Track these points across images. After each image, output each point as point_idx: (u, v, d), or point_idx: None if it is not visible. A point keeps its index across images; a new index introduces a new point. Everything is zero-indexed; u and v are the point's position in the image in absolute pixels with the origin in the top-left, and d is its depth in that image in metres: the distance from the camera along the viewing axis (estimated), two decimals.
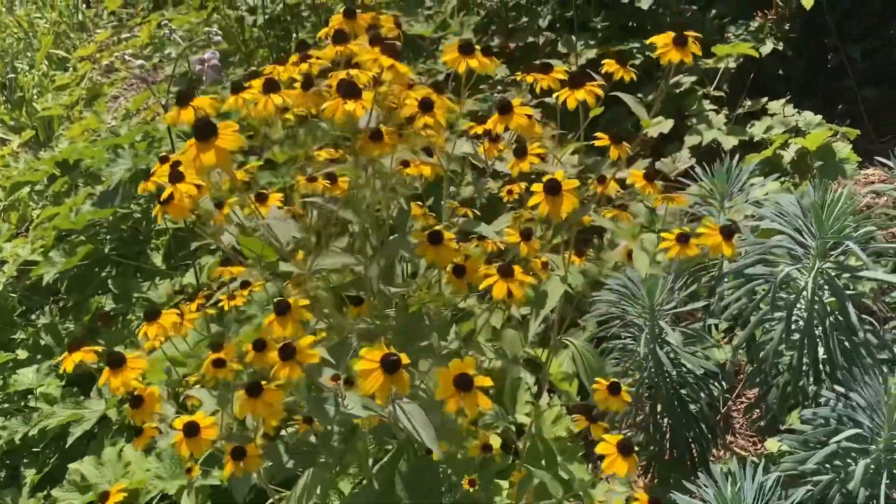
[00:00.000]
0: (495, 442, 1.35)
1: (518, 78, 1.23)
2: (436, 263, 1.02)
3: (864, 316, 1.30)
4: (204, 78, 1.83)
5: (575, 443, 1.60)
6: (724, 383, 1.70)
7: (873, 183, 2.61)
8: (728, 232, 1.10)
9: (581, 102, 1.04)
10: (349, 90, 0.91)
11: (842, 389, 1.19)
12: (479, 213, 1.26)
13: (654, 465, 1.54)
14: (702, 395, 1.44)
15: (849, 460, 1.19)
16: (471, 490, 1.34)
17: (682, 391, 1.48)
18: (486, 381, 0.87)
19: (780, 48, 2.70)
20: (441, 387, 0.86)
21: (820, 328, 1.26)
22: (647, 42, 1.15)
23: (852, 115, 2.84)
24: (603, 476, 1.69)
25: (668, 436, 1.51)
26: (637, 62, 2.55)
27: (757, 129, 2.47)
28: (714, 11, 2.89)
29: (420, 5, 2.83)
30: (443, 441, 1.00)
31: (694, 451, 1.52)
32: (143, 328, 1.09)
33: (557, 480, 1.28)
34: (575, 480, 1.47)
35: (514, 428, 1.41)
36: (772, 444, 1.61)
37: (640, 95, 2.60)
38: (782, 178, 2.35)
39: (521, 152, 1.14)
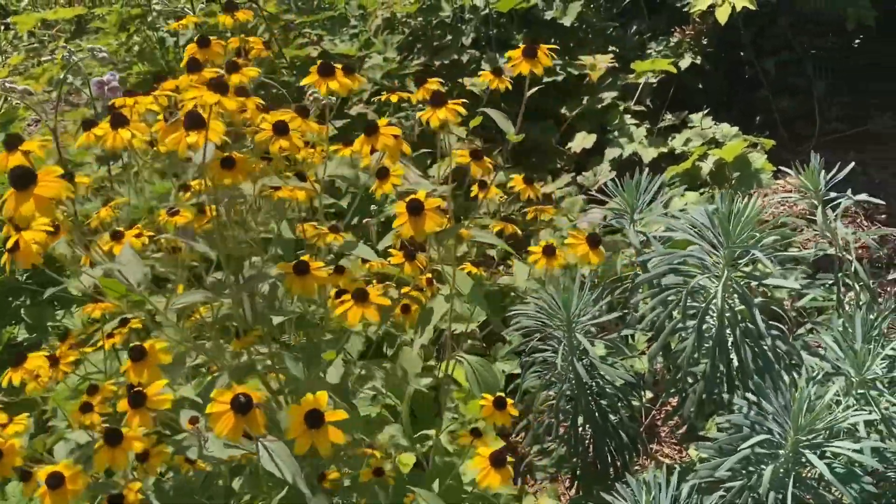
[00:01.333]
0: (409, 461, 1.33)
1: (383, 98, 1.23)
2: (303, 294, 1.00)
3: (773, 323, 1.33)
4: (102, 101, 1.78)
5: None
6: (646, 393, 1.72)
7: (790, 192, 2.69)
8: (594, 241, 1.13)
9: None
10: (193, 121, 0.88)
11: (753, 397, 1.21)
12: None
13: (579, 478, 1.54)
14: (621, 405, 1.45)
15: (762, 466, 1.21)
16: None
17: (603, 402, 1.49)
18: (340, 415, 0.86)
19: (699, 62, 2.77)
20: (292, 425, 0.84)
21: (732, 336, 1.28)
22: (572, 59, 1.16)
23: (769, 126, 2.93)
24: (530, 490, 1.69)
25: (590, 447, 1.52)
26: (560, 79, 2.59)
27: (677, 142, 2.53)
28: (634, 27, 2.96)
29: (345, 24, 2.83)
30: (333, 467, 0.98)
31: (617, 461, 1.53)
32: (7, 374, 1.04)
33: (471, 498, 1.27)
34: (500, 496, 1.47)
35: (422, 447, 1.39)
36: (693, 453, 1.63)
37: (563, 111, 2.64)
38: (702, 190, 2.41)
39: (383, 174, 1.13)
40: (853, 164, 1.54)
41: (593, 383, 1.45)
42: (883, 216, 2.52)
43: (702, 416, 1.38)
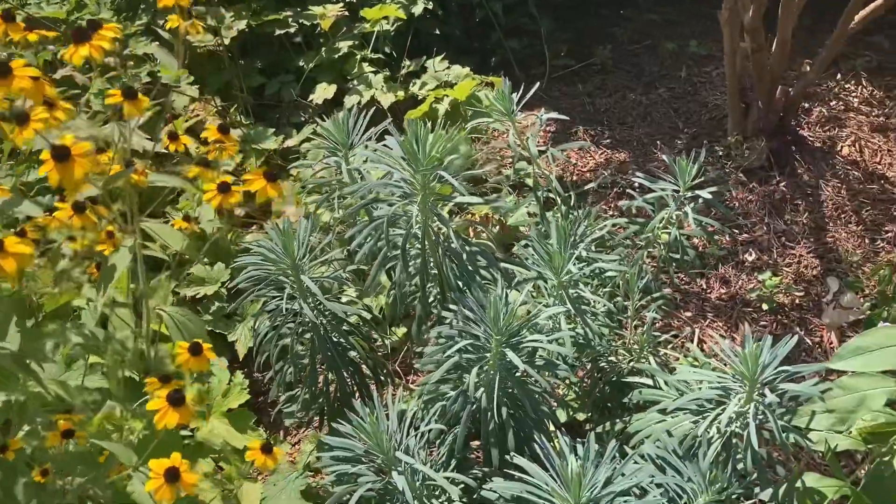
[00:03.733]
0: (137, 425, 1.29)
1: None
2: None
3: (483, 242, 1.42)
4: None
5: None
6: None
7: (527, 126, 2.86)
8: (271, 176, 1.14)
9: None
10: None
11: (464, 310, 1.28)
12: None
13: (326, 416, 1.57)
14: (356, 340, 1.48)
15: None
16: None
17: (339, 339, 1.52)
18: None
19: (431, 7, 2.84)
20: None
21: (434, 257, 1.35)
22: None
23: (504, 66, 3.08)
24: (285, 439, 1.71)
25: (332, 386, 1.55)
26: (293, 30, 2.56)
27: (416, 87, 2.59)
28: None
29: None
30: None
31: (364, 395, 1.57)
32: None
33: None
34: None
35: None
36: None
37: (301, 63, 2.62)
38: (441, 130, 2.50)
39: (22, 118, 1.03)
40: (538, 84, 1.66)
41: (325, 322, 1.47)
42: (608, 140, 2.74)
43: (422, 335, 1.44)
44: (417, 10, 2.78)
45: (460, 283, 1.33)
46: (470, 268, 1.30)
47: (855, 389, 1.11)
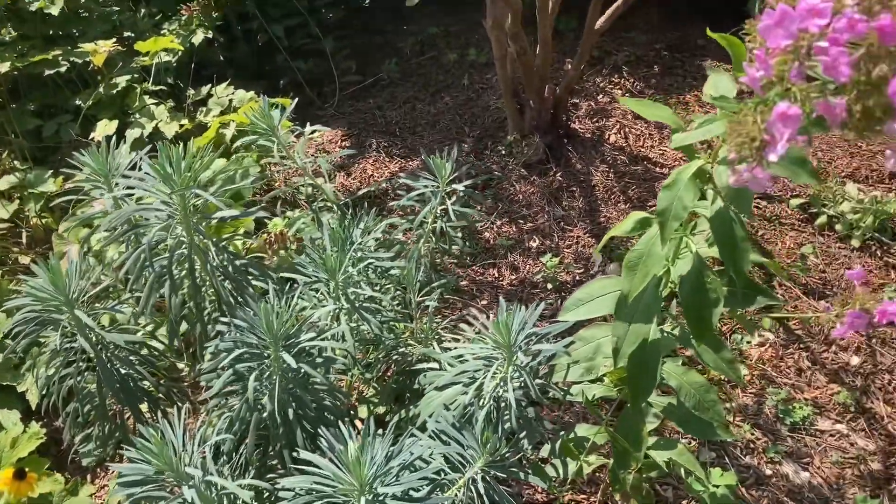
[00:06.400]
0: None
1: None
2: None
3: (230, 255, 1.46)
4: None
5: None
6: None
7: (329, 143, 2.93)
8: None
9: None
10: None
11: (236, 321, 1.32)
12: None
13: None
14: (138, 367, 1.48)
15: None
16: None
17: (127, 371, 1.51)
18: None
19: (211, 36, 2.86)
20: None
21: (204, 271, 1.38)
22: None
23: (295, 88, 3.14)
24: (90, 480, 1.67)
25: (129, 418, 1.53)
26: (63, 69, 2.49)
27: (202, 114, 2.59)
28: (144, 11, 2.94)
29: None
30: None
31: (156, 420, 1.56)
32: None
33: None
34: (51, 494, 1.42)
35: None
36: None
37: (79, 102, 2.55)
38: (235, 155, 2.51)
39: None
40: (331, 101, 1.72)
41: (109, 355, 1.46)
42: (400, 149, 2.86)
43: (202, 353, 1.46)
44: (197, 39, 2.79)
45: (234, 297, 1.37)
46: (242, 280, 1.34)
47: (592, 339, 1.26)
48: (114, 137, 2.51)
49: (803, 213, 2.50)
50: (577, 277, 2.30)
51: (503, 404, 1.33)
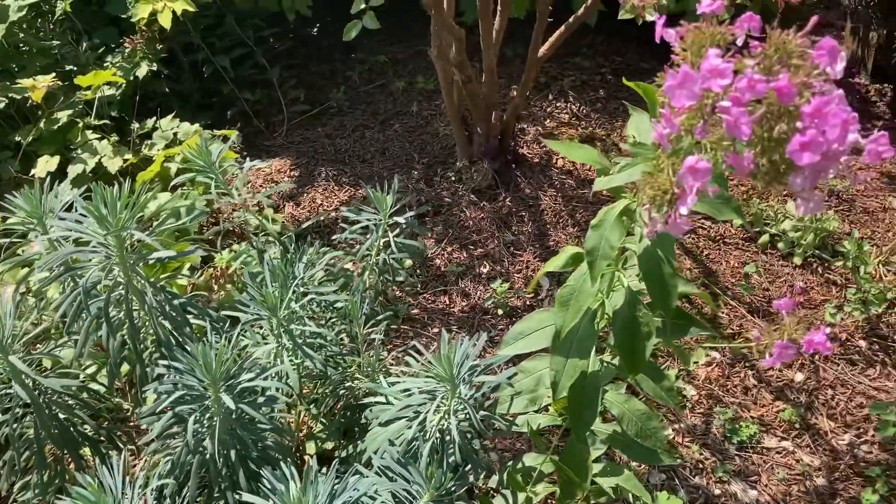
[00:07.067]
0: None
1: None
2: None
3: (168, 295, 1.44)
4: None
5: None
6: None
7: (275, 174, 2.91)
8: None
9: None
10: None
11: (175, 364, 1.31)
12: None
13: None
14: (77, 411, 1.45)
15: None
16: None
17: (66, 416, 1.48)
18: None
19: (156, 69, 2.83)
20: None
21: (143, 311, 1.36)
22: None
23: (243, 118, 3.12)
24: None
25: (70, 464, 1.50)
26: (1, 106, 2.44)
27: (147, 148, 2.56)
28: (85, 45, 2.91)
29: None
30: None
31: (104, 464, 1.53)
32: None
33: None
34: None
35: None
36: None
37: (18, 139, 2.51)
38: (181, 189, 2.49)
39: None
40: (280, 131, 1.71)
41: (47, 400, 1.43)
42: (349, 178, 2.86)
43: (141, 393, 1.43)
44: (142, 72, 2.76)
45: (174, 337, 1.35)
46: (181, 320, 1.33)
47: (534, 371, 1.27)
48: (55, 174, 2.47)
49: (746, 232, 2.56)
50: (528, 302, 2.31)
51: (448, 437, 1.33)
